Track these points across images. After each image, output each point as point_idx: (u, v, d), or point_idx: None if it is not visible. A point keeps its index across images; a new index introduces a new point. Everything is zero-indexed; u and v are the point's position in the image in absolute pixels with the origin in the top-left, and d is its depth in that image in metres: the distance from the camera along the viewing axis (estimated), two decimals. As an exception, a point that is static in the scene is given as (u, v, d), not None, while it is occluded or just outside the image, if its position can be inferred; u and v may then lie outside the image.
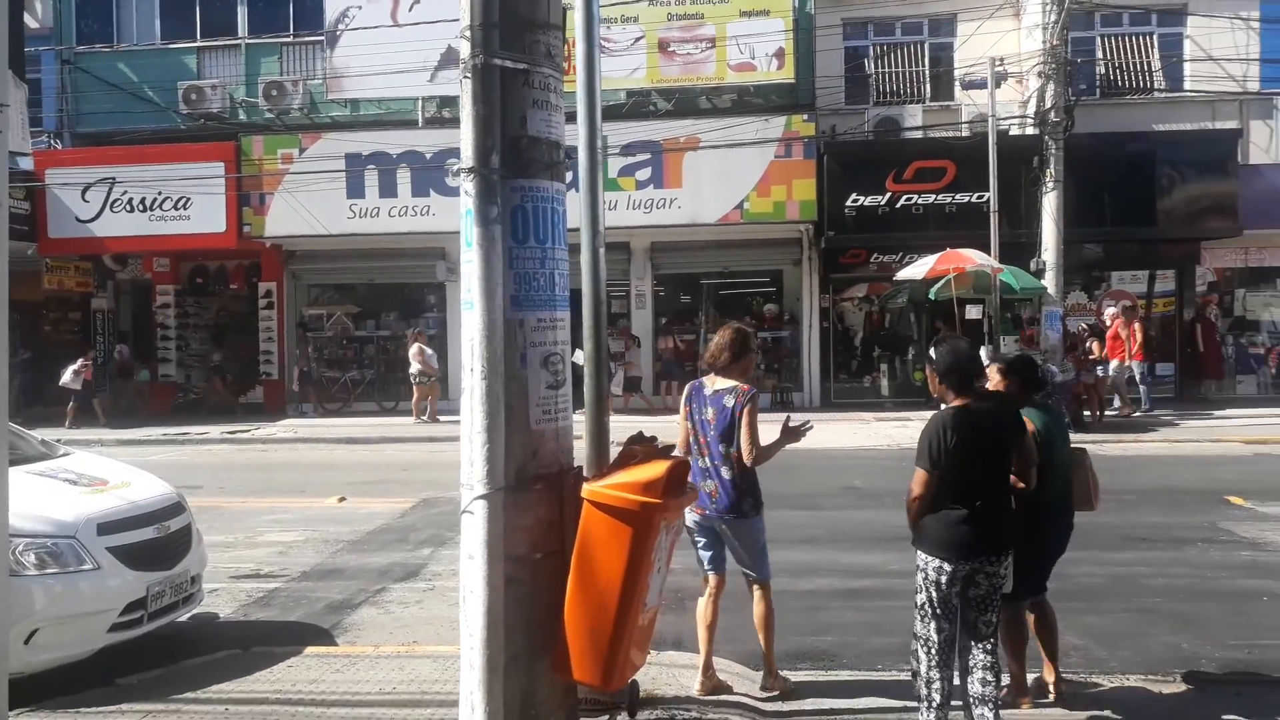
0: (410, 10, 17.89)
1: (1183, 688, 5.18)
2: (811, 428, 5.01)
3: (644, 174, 17.68)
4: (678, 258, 19.30)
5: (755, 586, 5.04)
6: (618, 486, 3.42)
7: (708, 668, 5.07)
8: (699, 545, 5.12)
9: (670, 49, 18.11)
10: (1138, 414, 16.46)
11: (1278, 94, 18.53)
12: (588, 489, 3.48)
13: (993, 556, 4.37)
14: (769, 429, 5.00)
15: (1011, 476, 4.60)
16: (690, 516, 5.01)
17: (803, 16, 18.22)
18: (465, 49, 3.59)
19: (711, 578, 5.12)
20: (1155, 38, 19.01)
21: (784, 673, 5.18)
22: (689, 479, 3.78)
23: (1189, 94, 18.53)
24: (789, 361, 19.06)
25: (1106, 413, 15.94)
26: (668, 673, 5.29)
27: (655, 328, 19.27)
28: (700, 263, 19.40)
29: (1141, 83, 19.04)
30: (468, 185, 3.55)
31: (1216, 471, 11.85)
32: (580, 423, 4.05)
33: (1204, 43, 18.26)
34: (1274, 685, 5.17)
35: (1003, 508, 4.46)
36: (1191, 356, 18.93)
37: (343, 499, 10.92)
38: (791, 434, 4.96)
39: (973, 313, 15.63)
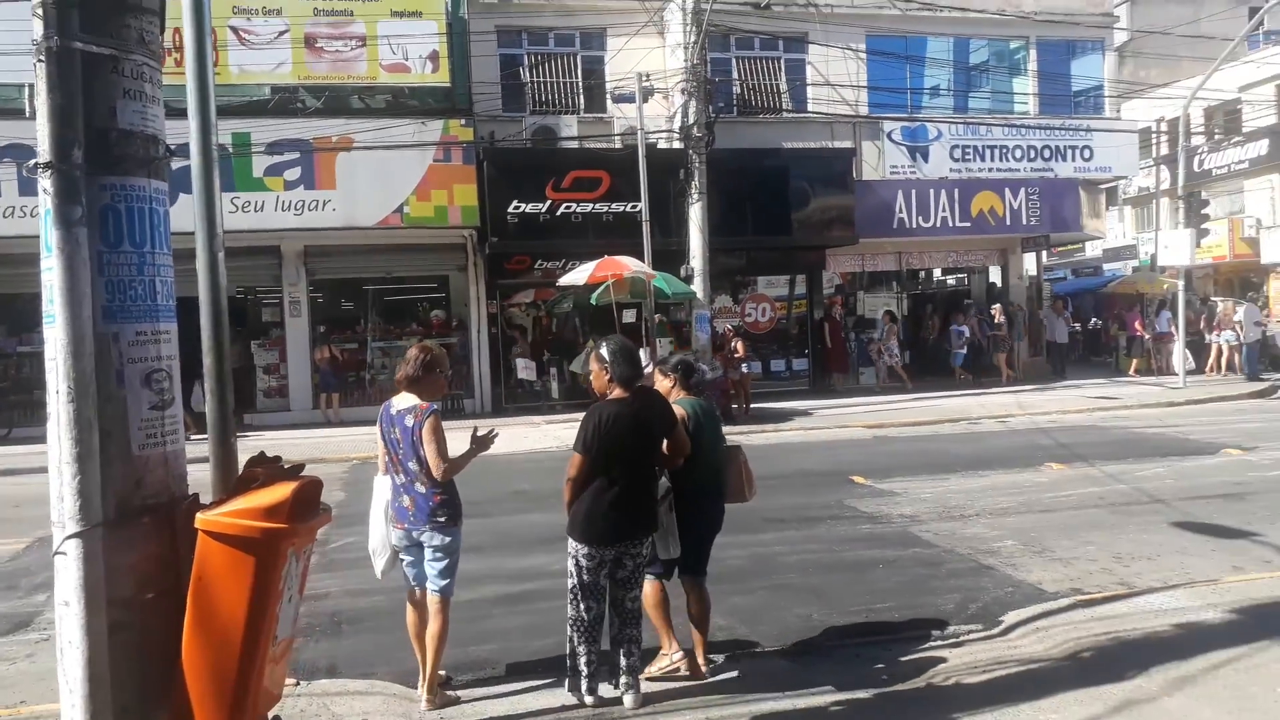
0: (12, -16, 15.76)
1: (812, 654, 5.67)
2: (497, 435, 5.06)
3: (293, 174, 16.73)
4: (335, 262, 18.51)
5: (435, 600, 4.96)
6: (236, 513, 3.15)
7: (433, 680, 4.95)
8: (405, 561, 5.06)
9: (318, 45, 17.29)
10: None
11: (884, 118, 20.95)
12: (201, 518, 3.17)
13: (636, 540, 4.72)
14: (459, 439, 5.00)
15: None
16: (395, 533, 4.98)
17: (456, 21, 18.05)
18: (38, 28, 3.15)
19: (417, 591, 5.07)
20: (782, 62, 20.87)
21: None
22: (321, 499, 3.55)
23: (811, 115, 20.48)
24: (459, 368, 18.87)
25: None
26: (318, 703, 4.99)
27: (312, 336, 18.30)
28: (361, 268, 18.77)
29: (772, 103, 20.82)
30: (46, 183, 3.14)
31: (843, 454, 13.15)
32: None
33: (823, 69, 20.26)
34: (884, 644, 5.76)
35: (648, 495, 4.80)
36: (821, 352, 21.00)
37: (-67, 546, 9.37)
38: (481, 443, 4.99)
39: (629, 317, 16.29)
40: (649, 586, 5.19)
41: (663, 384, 5.35)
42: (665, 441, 4.85)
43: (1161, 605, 6.20)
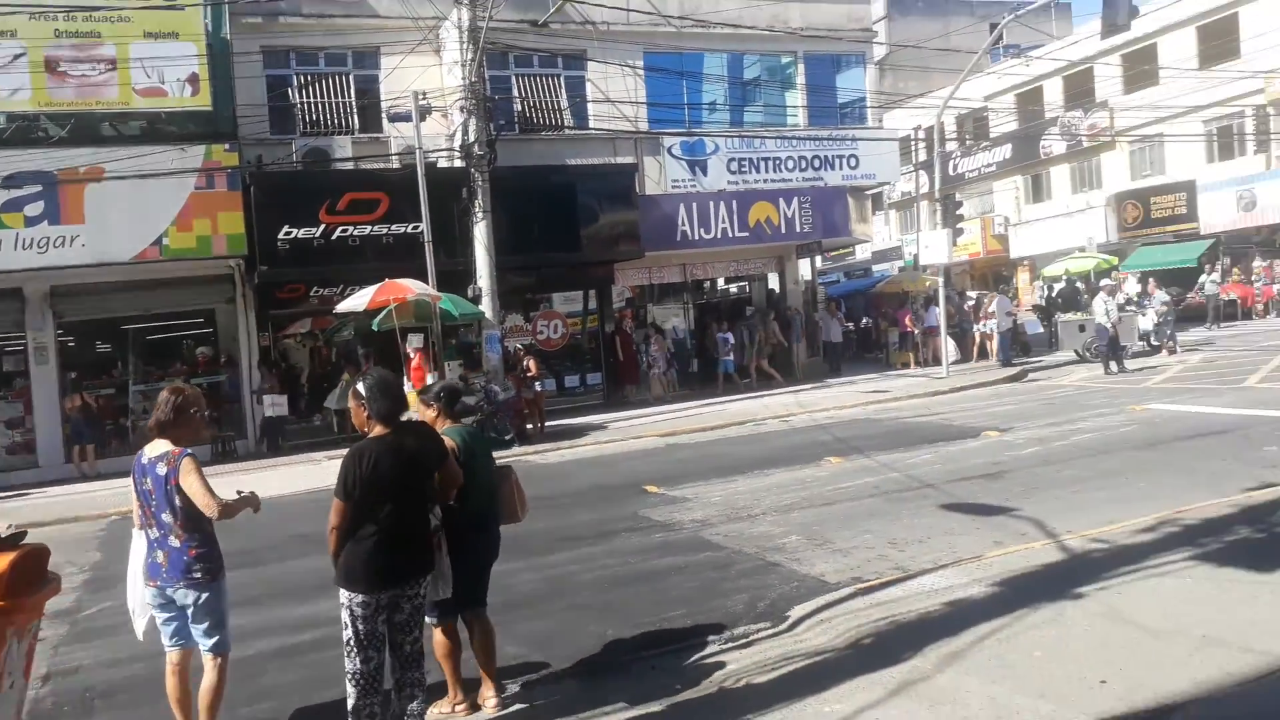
0: None
1: (605, 671, 5.61)
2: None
3: (35, 208, 15.36)
4: (87, 303, 17.10)
5: (209, 659, 4.66)
6: (-74, 595, 2.74)
7: None
8: (161, 620, 4.69)
9: (61, 69, 15.97)
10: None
11: (664, 134, 21.40)
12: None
13: (412, 581, 4.51)
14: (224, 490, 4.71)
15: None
16: (148, 592, 4.63)
17: (217, 42, 17.11)
18: None
19: (174, 654, 4.73)
20: (563, 79, 20.94)
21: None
22: (49, 568, 3.17)
23: (593, 132, 20.67)
24: (229, 407, 17.78)
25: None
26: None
27: (63, 384, 16.81)
28: (116, 307, 17.41)
29: (554, 120, 20.88)
30: None
31: (637, 465, 13.25)
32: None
33: (603, 86, 20.48)
34: (677, 652, 5.78)
35: (420, 534, 4.58)
36: (614, 365, 21.19)
37: None
38: (251, 493, 4.76)
39: (415, 342, 15.85)
40: (438, 636, 4.99)
41: (427, 414, 5.15)
42: (436, 475, 4.66)
43: (933, 586, 6.53)
